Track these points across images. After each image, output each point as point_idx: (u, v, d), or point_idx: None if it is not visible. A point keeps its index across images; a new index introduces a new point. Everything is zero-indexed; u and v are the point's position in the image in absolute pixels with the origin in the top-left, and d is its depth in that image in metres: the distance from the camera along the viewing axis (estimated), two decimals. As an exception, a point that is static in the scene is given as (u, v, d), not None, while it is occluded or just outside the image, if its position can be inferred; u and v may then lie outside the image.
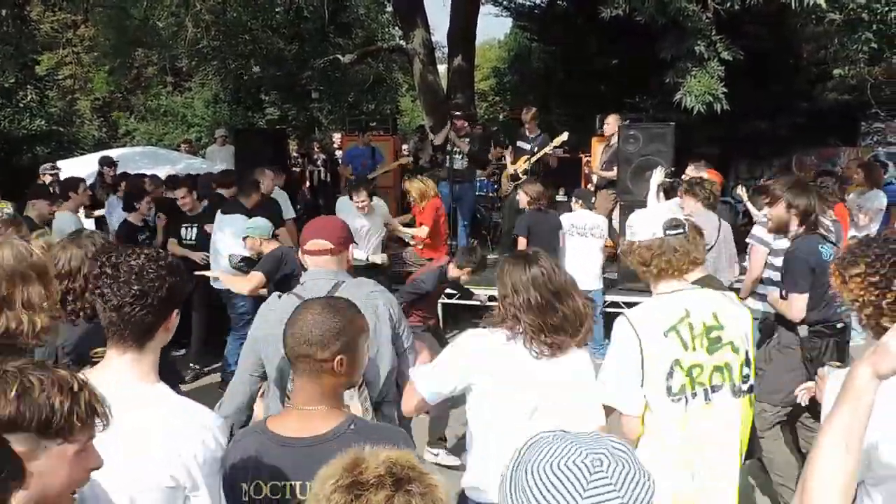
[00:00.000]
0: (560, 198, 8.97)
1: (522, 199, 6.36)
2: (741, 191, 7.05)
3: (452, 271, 4.55)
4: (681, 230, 2.37)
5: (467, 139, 8.16)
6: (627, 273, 7.04)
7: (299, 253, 2.70)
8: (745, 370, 2.34)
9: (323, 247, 2.55)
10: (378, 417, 2.41)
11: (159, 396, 1.71)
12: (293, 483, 1.67)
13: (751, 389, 2.39)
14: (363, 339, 1.84)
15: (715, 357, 2.29)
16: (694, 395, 2.26)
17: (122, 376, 1.70)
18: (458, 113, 8.50)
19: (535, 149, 8.01)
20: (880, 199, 6.46)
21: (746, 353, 2.35)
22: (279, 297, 2.53)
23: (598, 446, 1.05)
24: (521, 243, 6.06)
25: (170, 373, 2.43)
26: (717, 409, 2.28)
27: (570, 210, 6.57)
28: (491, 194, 9.12)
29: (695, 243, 2.41)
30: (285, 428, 1.73)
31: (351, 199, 6.22)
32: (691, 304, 2.31)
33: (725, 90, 6.46)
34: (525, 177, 7.97)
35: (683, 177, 6.22)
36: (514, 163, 8.18)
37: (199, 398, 1.77)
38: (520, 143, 8.21)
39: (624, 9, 6.40)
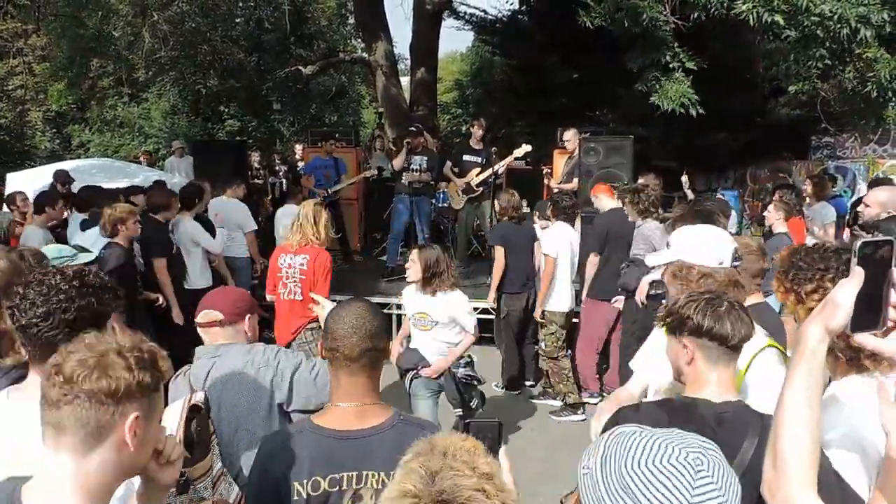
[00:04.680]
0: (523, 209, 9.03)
1: (498, 207, 6.35)
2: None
3: None
4: (741, 262, 2.23)
5: (425, 156, 8.18)
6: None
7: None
8: None
9: (213, 318, 2.46)
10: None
11: None
12: (350, 474, 1.76)
13: None
14: None
15: None
16: None
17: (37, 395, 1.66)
18: (413, 129, 8.51)
19: (484, 161, 8.06)
20: (828, 212, 6.69)
21: None
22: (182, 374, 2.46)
23: (691, 444, 1.08)
24: (499, 252, 6.03)
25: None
26: None
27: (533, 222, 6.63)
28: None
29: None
30: (338, 423, 1.81)
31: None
32: None
33: (697, 97, 6.60)
34: (480, 189, 8.03)
35: None
36: (460, 176, 8.18)
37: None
38: (466, 157, 8.21)
39: (604, 18, 6.45)
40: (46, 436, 1.25)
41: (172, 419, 2.22)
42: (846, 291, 1.20)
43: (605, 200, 6.01)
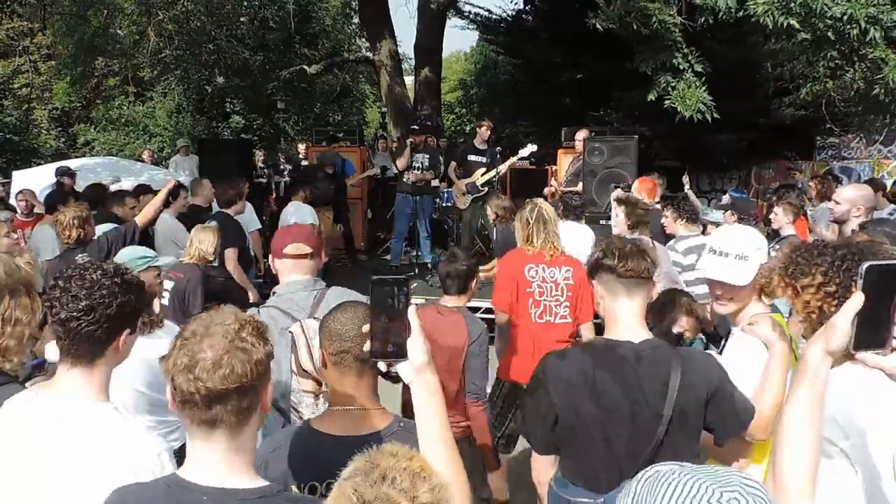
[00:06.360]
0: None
1: (490, 214, 6.16)
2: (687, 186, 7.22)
3: None
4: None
5: (427, 154, 8.17)
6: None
7: (270, 260, 2.74)
8: None
9: (305, 251, 2.62)
10: None
11: (103, 418, 1.67)
12: None
13: None
14: None
15: None
16: None
17: (68, 392, 1.67)
18: (415, 127, 8.48)
19: (489, 161, 8.02)
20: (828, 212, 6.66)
21: None
22: (258, 312, 2.50)
23: (729, 483, 1.02)
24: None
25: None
26: None
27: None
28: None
29: None
30: (337, 428, 1.77)
31: None
32: None
33: (713, 101, 6.61)
34: (485, 189, 8.00)
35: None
36: (465, 175, 8.12)
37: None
38: (471, 157, 8.15)
39: (614, 21, 6.43)
40: (200, 430, 1.34)
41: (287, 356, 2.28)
42: (844, 315, 1.25)
43: None
